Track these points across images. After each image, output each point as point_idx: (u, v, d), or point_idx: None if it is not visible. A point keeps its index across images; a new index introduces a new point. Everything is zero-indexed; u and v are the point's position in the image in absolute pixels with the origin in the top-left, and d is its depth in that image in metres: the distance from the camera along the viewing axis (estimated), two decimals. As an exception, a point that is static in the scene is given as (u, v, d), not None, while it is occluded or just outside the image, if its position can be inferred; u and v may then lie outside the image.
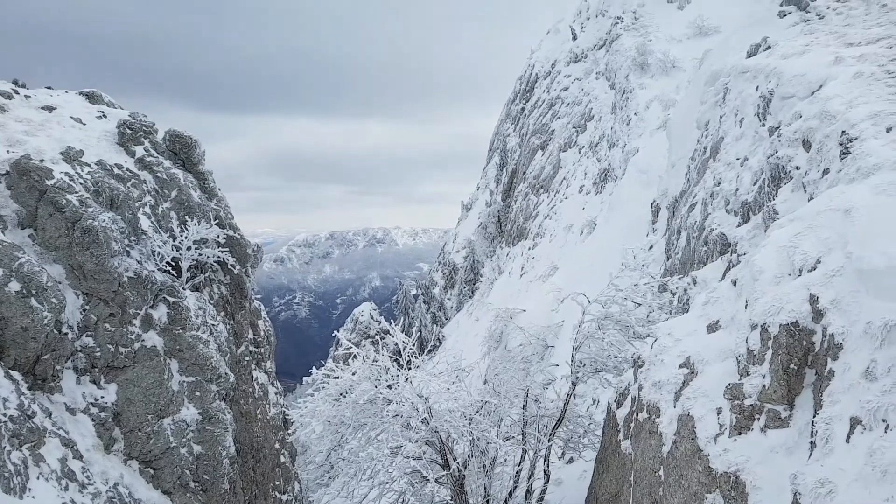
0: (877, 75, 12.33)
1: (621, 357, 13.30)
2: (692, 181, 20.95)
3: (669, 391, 8.84)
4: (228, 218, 19.46)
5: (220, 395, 16.12)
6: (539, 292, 36.99)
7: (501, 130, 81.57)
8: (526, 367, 15.31)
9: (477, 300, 60.58)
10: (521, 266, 52.78)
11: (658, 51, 47.74)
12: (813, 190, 10.34)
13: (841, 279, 7.00)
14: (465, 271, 71.84)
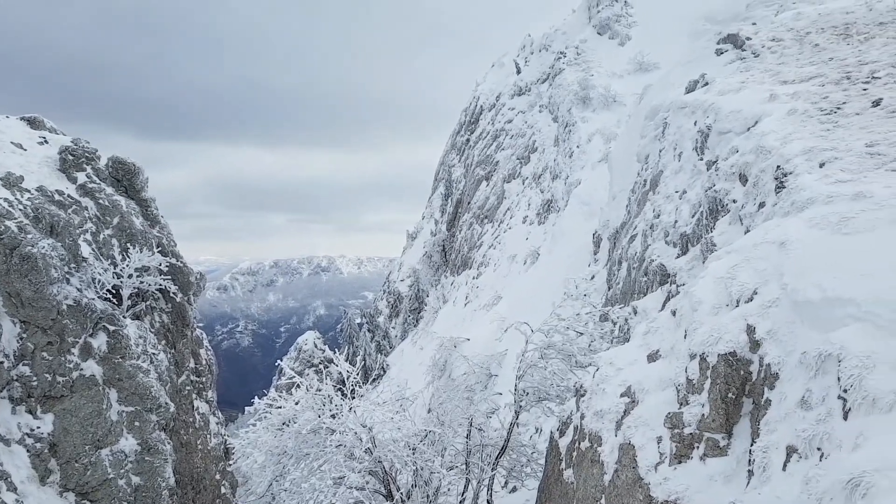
0: (810, 112, 12.95)
1: (564, 386, 13.32)
2: (633, 213, 21.49)
3: (611, 420, 8.83)
4: (171, 245, 19.20)
5: (159, 426, 15.77)
6: (483, 321, 37.05)
7: (447, 161, 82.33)
8: (470, 395, 15.20)
9: (422, 329, 60.29)
10: (465, 295, 52.84)
11: (600, 85, 49.31)
12: (749, 223, 10.68)
13: (777, 310, 7.15)
14: (409, 300, 71.55)
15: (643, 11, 58.93)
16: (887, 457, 4.93)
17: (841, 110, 12.58)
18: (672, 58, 39.13)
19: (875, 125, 11.11)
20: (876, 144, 9.91)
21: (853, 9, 27.45)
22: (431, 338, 44.77)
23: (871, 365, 5.58)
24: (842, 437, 5.54)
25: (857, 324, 6.05)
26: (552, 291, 27.32)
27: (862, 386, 5.52)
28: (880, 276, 6.29)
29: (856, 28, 22.99)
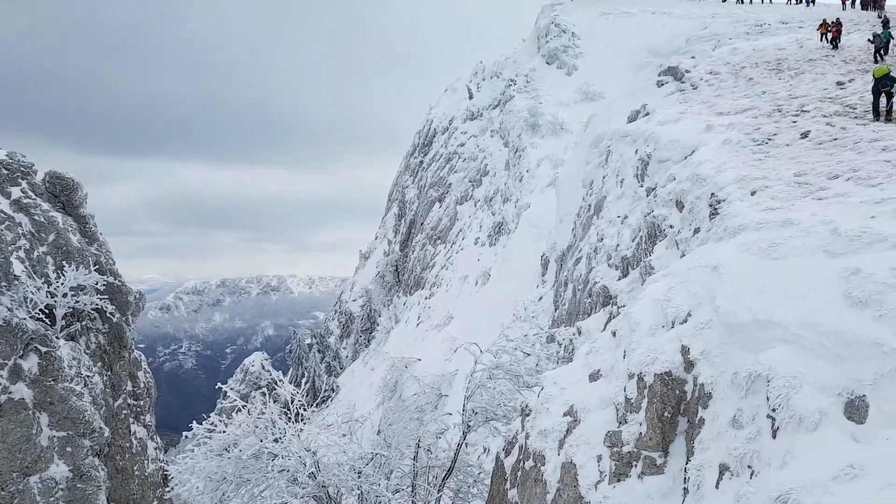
0: (743, 142, 13.58)
1: (511, 406, 13.40)
2: (578, 236, 21.97)
3: (554, 439, 8.94)
4: (110, 263, 18.62)
5: (93, 451, 15.15)
6: (435, 341, 37.02)
7: (400, 182, 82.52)
8: (420, 416, 15.10)
9: (373, 349, 59.74)
10: (417, 315, 52.73)
11: (548, 113, 50.56)
12: (685, 247, 11.07)
13: (710, 331, 7.41)
14: (361, 320, 70.83)
15: (590, 43, 60.78)
16: (812, 475, 5.13)
17: (772, 141, 13.24)
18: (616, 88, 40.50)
19: (803, 156, 11.74)
20: (804, 174, 10.47)
21: (785, 45, 29.04)
22: (383, 358, 44.42)
23: (798, 385, 5.82)
24: (771, 455, 5.72)
25: (785, 345, 6.32)
26: (502, 312, 27.53)
27: (789, 405, 5.73)
28: (806, 299, 6.60)
29: (787, 64, 24.31)
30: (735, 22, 46.35)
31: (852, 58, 24.18)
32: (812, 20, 41.51)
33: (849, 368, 5.59)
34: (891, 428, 4.92)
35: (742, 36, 37.89)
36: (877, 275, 6.23)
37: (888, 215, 7.64)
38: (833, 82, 19.51)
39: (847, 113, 15.69)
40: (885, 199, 8.23)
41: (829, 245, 7.21)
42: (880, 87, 14.75)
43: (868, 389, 5.26)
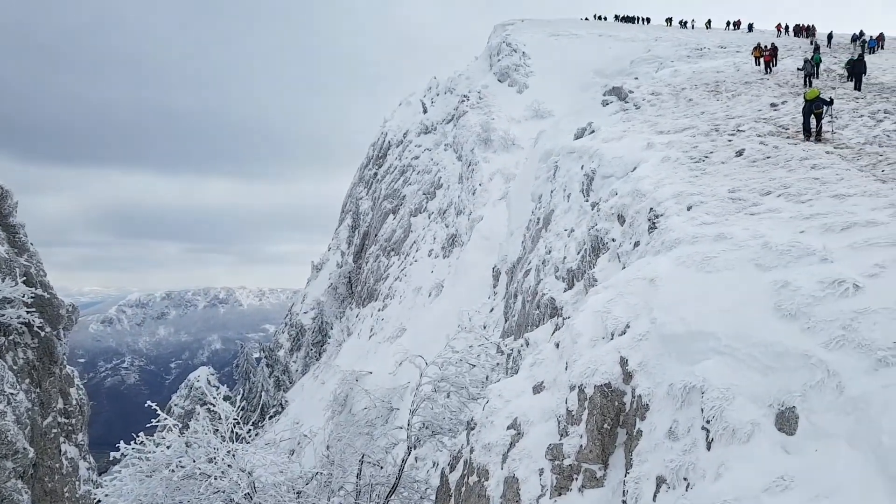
0: (681, 160, 13.99)
1: (457, 419, 13.31)
2: (528, 249, 22.21)
3: (498, 453, 8.88)
4: (40, 275, 17.70)
5: (16, 473, 14.20)
6: (387, 354, 36.64)
7: (354, 193, 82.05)
8: (370, 431, 14.83)
9: (324, 362, 58.79)
10: (370, 327, 52.23)
11: (500, 129, 51.41)
12: (626, 260, 11.27)
13: (647, 343, 7.50)
14: (312, 333, 69.58)
15: (540, 63, 62.30)
16: (745, 486, 5.17)
17: (709, 159, 13.67)
18: (565, 106, 41.41)
19: (737, 173, 12.14)
20: (738, 190, 10.81)
21: (723, 69, 30.24)
22: (334, 372, 43.71)
23: (731, 396, 5.89)
24: (705, 467, 5.75)
25: (718, 357, 6.41)
26: (455, 323, 27.54)
27: (723, 417, 5.79)
28: (737, 311, 6.75)
29: (725, 86, 25.28)
30: (677, 45, 48.14)
31: (785, 81, 25.31)
32: (749, 45, 43.42)
33: (779, 380, 5.68)
34: (819, 439, 4.99)
35: (683, 59, 39.35)
36: (805, 288, 6.39)
37: (816, 230, 7.93)
38: (767, 104, 20.34)
39: (780, 133, 16.36)
40: (814, 215, 8.55)
41: (760, 259, 7.43)
42: (812, 109, 15.43)
43: (798, 401, 5.34)
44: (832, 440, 4.79)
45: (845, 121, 16.61)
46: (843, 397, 4.91)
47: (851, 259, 6.68)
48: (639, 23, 79.59)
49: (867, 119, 16.47)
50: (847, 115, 17.20)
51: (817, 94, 15.55)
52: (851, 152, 13.27)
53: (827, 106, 15.55)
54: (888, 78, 23.48)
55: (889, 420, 4.39)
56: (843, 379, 5.01)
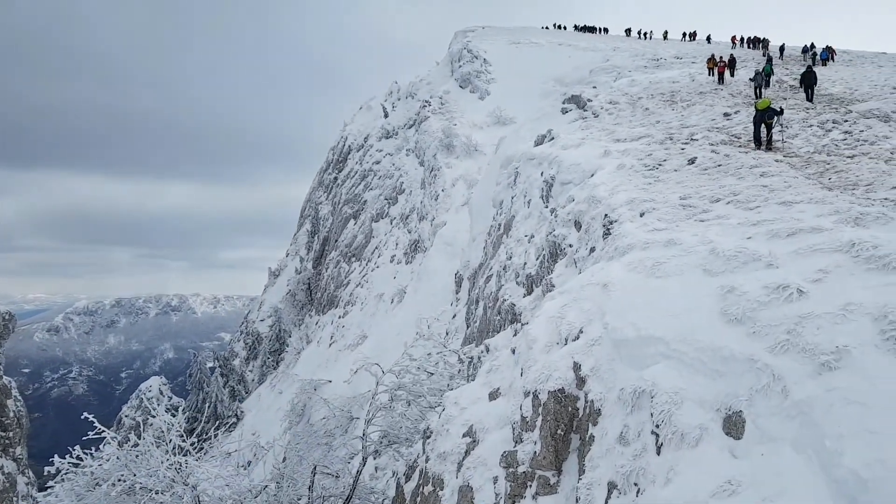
0: (636, 167, 14.19)
1: (414, 428, 13.18)
2: (489, 255, 22.23)
3: (453, 462, 8.78)
4: (-24, 281, 16.78)
5: (-57, 491, 13.29)
6: (348, 362, 36.20)
7: (314, 198, 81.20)
8: (329, 441, 14.54)
9: (282, 371, 57.81)
10: (330, 335, 51.57)
11: (462, 134, 51.55)
12: (582, 265, 11.33)
13: (600, 348, 7.51)
14: (269, 341, 68.29)
15: (501, 70, 62.96)
16: (694, 491, 5.17)
17: (662, 167, 13.90)
18: (525, 113, 41.81)
19: (689, 180, 12.35)
20: (689, 197, 10.99)
21: (678, 79, 30.94)
22: (292, 381, 43.00)
23: (680, 401, 5.89)
24: (655, 472, 5.74)
25: (667, 361, 6.43)
26: (416, 330, 27.39)
27: (672, 421, 5.79)
28: (685, 316, 6.79)
29: (680, 96, 25.85)
30: (634, 56, 49.15)
31: (738, 91, 25.99)
32: (703, 56, 44.58)
33: (726, 384, 5.70)
34: (765, 443, 5.02)
35: (640, 69, 40.16)
36: (751, 293, 6.47)
37: (763, 236, 8.07)
38: (721, 113, 20.83)
39: (732, 142, 16.75)
40: (761, 222, 8.72)
41: (708, 264, 7.51)
42: (764, 119, 15.84)
43: (744, 405, 5.37)
44: (778, 444, 4.83)
45: (795, 130, 17.10)
46: (788, 401, 4.96)
47: (796, 265, 6.79)
48: (598, 33, 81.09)
49: (816, 129, 16.99)
50: (797, 124, 17.71)
51: (768, 104, 15.97)
52: (800, 161, 13.64)
53: (777, 116, 16.00)
54: (838, 89, 24.31)
55: (832, 424, 4.45)
56: (787, 383, 5.06)
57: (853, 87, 24.36)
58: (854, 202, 9.06)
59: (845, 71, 31.71)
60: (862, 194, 9.75)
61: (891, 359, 4.75)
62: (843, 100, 21.68)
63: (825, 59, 36.07)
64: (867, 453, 4.03)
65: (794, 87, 26.10)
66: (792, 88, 25.90)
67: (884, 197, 9.31)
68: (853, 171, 11.69)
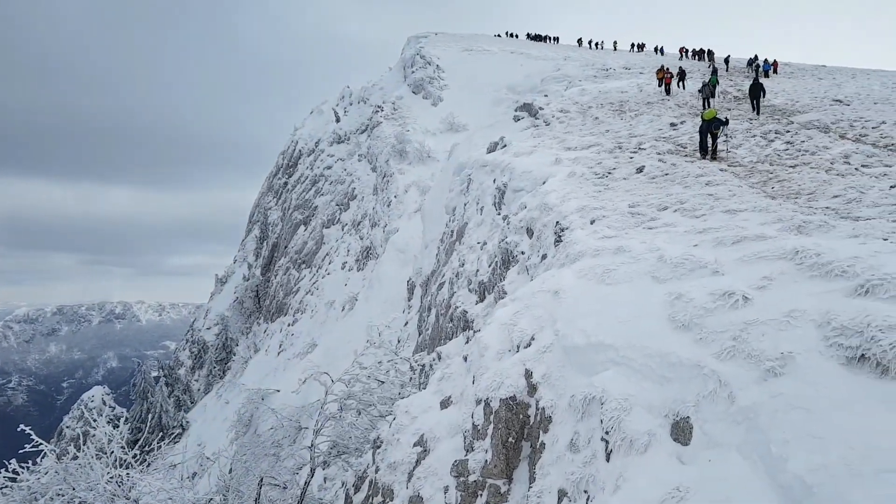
0: (586, 175, 14.38)
1: (364, 438, 12.97)
2: (442, 261, 22.17)
3: (403, 472, 8.66)
4: None
5: None
6: (297, 370, 35.62)
7: (263, 203, 79.78)
8: (277, 451, 14.18)
9: (228, 381, 56.53)
10: (279, 343, 50.76)
11: (415, 141, 51.51)
12: (534, 272, 11.37)
13: (551, 355, 7.50)
14: (216, 349, 66.69)
15: (454, 76, 63.32)
16: (642, 498, 5.15)
17: (612, 175, 14.12)
18: (478, 120, 42.15)
19: (638, 188, 12.56)
20: (637, 205, 11.16)
21: (627, 89, 31.67)
22: (239, 390, 42.07)
23: (629, 407, 5.89)
24: (605, 479, 5.72)
25: (616, 367, 6.44)
26: (367, 338, 27.13)
27: (621, 428, 5.77)
28: (635, 322, 6.84)
29: (628, 106, 26.44)
30: (584, 65, 50.12)
31: (684, 102, 26.73)
32: (652, 67, 45.79)
33: (674, 390, 5.73)
34: (712, 449, 5.03)
35: (590, 78, 40.96)
36: (697, 300, 6.55)
37: (708, 244, 8.23)
38: (668, 123, 21.35)
39: (678, 151, 17.16)
40: (707, 229, 8.90)
41: (656, 271, 7.60)
42: (710, 129, 16.26)
43: (691, 411, 5.38)
44: (725, 450, 4.86)
45: (739, 140, 17.63)
46: (734, 407, 5.00)
47: (741, 272, 6.92)
48: (548, 42, 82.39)
49: (759, 139, 17.55)
50: (741, 135, 18.28)
51: (715, 114, 16.42)
52: (744, 170, 14.04)
53: (723, 126, 16.46)
54: (780, 101, 25.24)
55: (777, 430, 4.49)
56: (733, 389, 5.11)
57: (794, 99, 25.36)
58: (797, 211, 9.33)
59: (787, 83, 33.05)
60: (804, 203, 10.08)
61: (834, 365, 4.85)
62: (784, 111, 22.51)
63: (767, 71, 37.51)
64: (812, 458, 4.08)
65: (739, 98, 27.00)
66: (736, 99, 26.79)
67: (825, 206, 9.63)
68: (795, 180, 12.09)
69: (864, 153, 14.21)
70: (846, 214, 8.89)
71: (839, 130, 17.80)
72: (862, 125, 18.09)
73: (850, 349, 4.89)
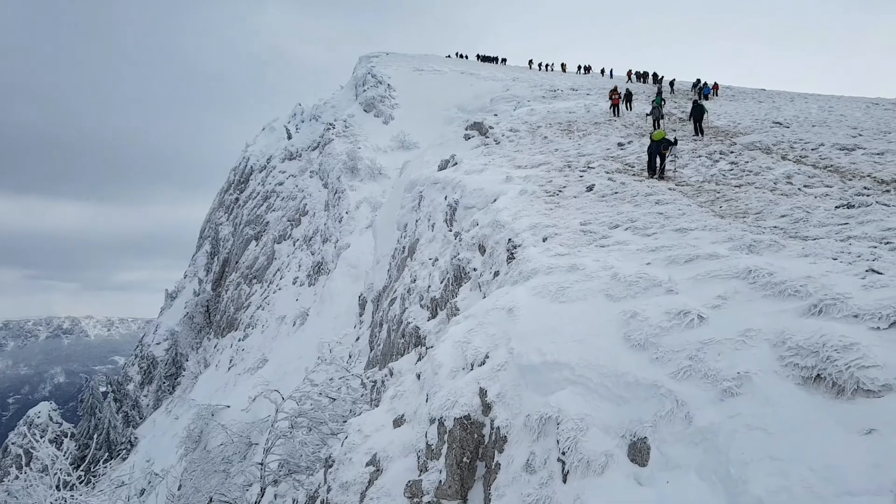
0: (537, 193, 14.45)
1: (315, 456, 12.62)
2: (394, 277, 21.96)
3: (356, 492, 8.39)
4: None
5: None
6: (247, 386, 34.89)
7: (214, 218, 78.30)
8: (226, 468, 13.70)
9: (178, 396, 55.00)
10: (229, 358, 49.83)
11: (367, 158, 51.64)
12: (487, 289, 11.28)
13: (505, 373, 7.38)
14: (166, 365, 64.89)
15: (405, 95, 63.88)
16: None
17: (562, 193, 14.24)
18: (429, 138, 42.39)
19: (589, 207, 12.67)
20: (589, 223, 11.23)
21: (575, 109, 32.31)
22: (189, 406, 41.03)
23: (586, 427, 5.81)
24: (562, 500, 5.61)
25: (572, 387, 6.36)
26: (318, 354, 26.68)
27: (577, 448, 5.69)
28: (590, 341, 6.78)
29: (577, 126, 26.91)
30: (533, 86, 51.10)
31: (631, 123, 27.38)
32: (598, 88, 46.93)
33: (631, 410, 5.68)
34: (670, 470, 4.99)
35: (539, 99, 41.72)
36: (652, 318, 6.52)
37: (661, 262, 8.27)
38: (615, 143, 21.79)
39: (626, 170, 17.47)
40: (658, 248, 8.96)
41: (610, 289, 7.59)
42: (659, 149, 16.60)
43: (649, 431, 5.34)
44: (682, 471, 4.81)
45: (685, 160, 18.07)
46: (691, 427, 4.96)
47: (696, 290, 6.95)
48: (497, 63, 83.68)
49: (705, 159, 18.03)
50: (687, 155, 18.75)
51: (663, 135, 16.80)
52: (692, 189, 14.35)
53: (671, 146, 16.85)
54: (723, 122, 26.09)
55: (735, 451, 4.47)
56: (691, 409, 5.08)
57: (737, 121, 26.25)
58: (746, 230, 9.50)
59: (729, 106, 34.26)
60: (752, 222, 10.28)
61: (790, 385, 4.85)
62: (728, 132, 23.25)
63: (707, 94, 38.88)
64: (771, 480, 4.05)
65: (683, 119, 27.79)
66: (681, 121, 27.57)
67: (773, 225, 9.85)
68: (742, 199, 12.39)
69: (805, 174, 14.73)
70: (794, 234, 9.09)
71: (780, 151, 18.45)
72: (802, 147, 18.81)
73: (806, 369, 4.91)
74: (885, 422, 4.16)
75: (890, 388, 4.41)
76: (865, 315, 5.29)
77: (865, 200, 10.80)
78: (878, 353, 4.70)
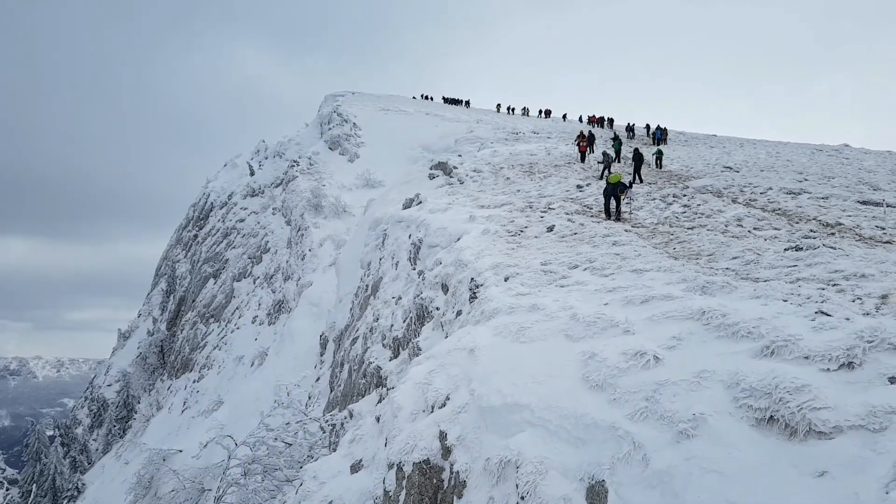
0: (500, 233, 14.58)
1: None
2: (356, 316, 21.70)
3: (310, 543, 8.12)
4: None
5: None
6: (201, 429, 33.74)
7: (171, 255, 76.64)
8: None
9: (129, 440, 52.75)
10: (183, 400, 48.19)
11: (331, 195, 51.45)
12: (449, 329, 11.23)
13: (466, 415, 7.28)
14: (117, 407, 62.31)
15: (370, 134, 64.35)
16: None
17: (524, 233, 14.40)
18: (394, 177, 42.64)
19: (549, 247, 12.82)
20: (549, 263, 11.34)
21: (536, 152, 32.98)
22: (140, 450, 39.41)
23: (545, 470, 5.73)
24: (521, 547, 5.44)
25: (532, 429, 6.29)
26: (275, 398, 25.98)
27: (537, 493, 5.59)
28: (550, 382, 6.77)
29: (538, 168, 27.45)
30: (496, 129, 52.14)
31: (590, 166, 28.07)
32: (558, 132, 48.10)
33: (589, 452, 5.63)
34: (627, 513, 4.94)
35: (501, 141, 42.56)
36: (610, 359, 6.57)
37: (618, 303, 8.39)
38: (574, 185, 22.26)
39: (585, 211, 17.82)
40: (616, 288, 9.09)
41: (569, 329, 7.63)
42: (615, 191, 17.01)
43: (607, 474, 5.29)
44: (639, 515, 4.79)
45: (640, 203, 18.53)
46: (648, 470, 4.95)
47: (651, 331, 7.04)
48: (462, 105, 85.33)
49: (659, 202, 18.51)
50: (641, 198, 19.23)
51: (619, 178, 17.24)
52: (647, 231, 14.68)
53: (626, 189, 17.28)
54: (676, 167, 26.92)
55: (692, 494, 4.46)
56: (648, 451, 5.08)
57: (689, 165, 27.13)
58: (699, 271, 9.71)
59: (682, 150, 35.41)
60: (705, 263, 10.53)
61: (744, 427, 4.90)
62: (680, 176, 23.97)
63: (659, 139, 40.32)
64: (727, 525, 4.06)
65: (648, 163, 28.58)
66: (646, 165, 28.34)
67: (725, 266, 10.10)
68: (695, 241, 12.71)
69: (755, 216, 15.22)
70: (746, 275, 9.33)
71: (731, 195, 19.07)
72: (751, 190, 19.48)
73: (760, 410, 4.97)
74: (837, 464, 4.21)
75: (840, 430, 4.49)
76: (816, 356, 5.42)
77: (813, 243, 11.19)
78: (829, 394, 4.81)
